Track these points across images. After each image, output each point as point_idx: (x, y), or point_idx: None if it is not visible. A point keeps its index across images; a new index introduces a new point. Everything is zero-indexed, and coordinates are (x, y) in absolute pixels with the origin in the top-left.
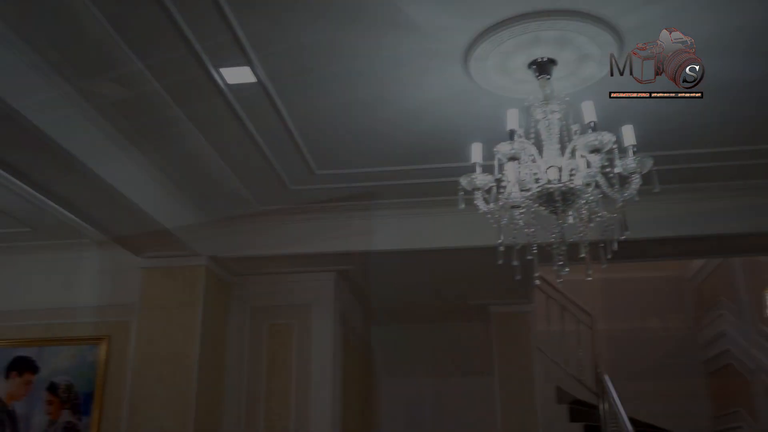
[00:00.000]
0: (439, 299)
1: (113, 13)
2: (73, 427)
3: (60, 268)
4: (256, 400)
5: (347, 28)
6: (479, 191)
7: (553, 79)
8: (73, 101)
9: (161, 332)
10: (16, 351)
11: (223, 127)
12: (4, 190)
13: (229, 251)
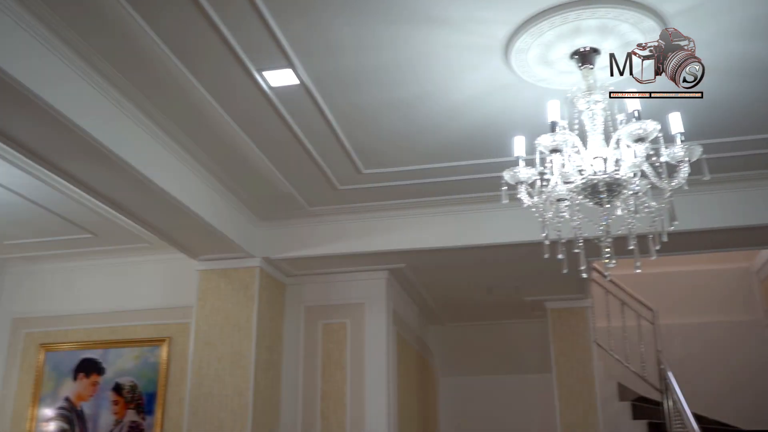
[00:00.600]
0: (493, 296)
1: (162, 25)
2: (138, 426)
3: (122, 272)
4: (313, 399)
5: (386, 27)
6: (523, 185)
7: (596, 69)
8: (129, 112)
9: (218, 333)
10: (83, 353)
11: (270, 130)
12: (68, 199)
13: (282, 252)
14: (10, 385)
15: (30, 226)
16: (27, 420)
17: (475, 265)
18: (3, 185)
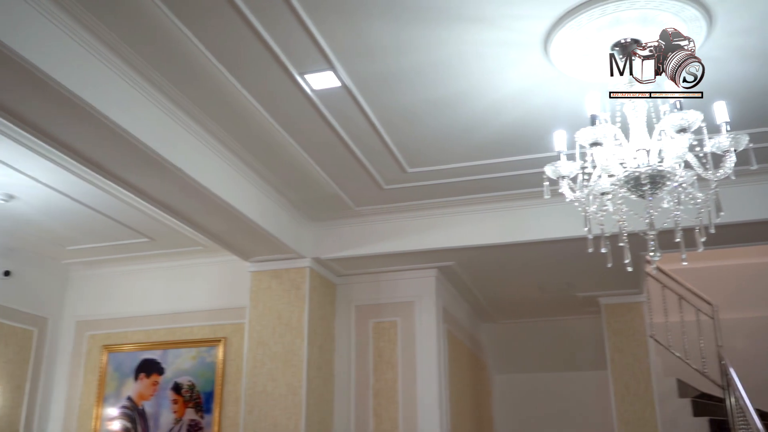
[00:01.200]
0: (545, 293)
1: (208, 36)
2: (197, 424)
3: (178, 274)
4: (365, 397)
5: (423, 28)
6: (565, 180)
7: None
8: (180, 120)
9: (271, 333)
10: (143, 354)
11: (314, 133)
12: (125, 205)
13: (331, 253)
14: (75, 385)
15: (90, 231)
16: (92, 419)
17: (526, 261)
18: (64, 193)
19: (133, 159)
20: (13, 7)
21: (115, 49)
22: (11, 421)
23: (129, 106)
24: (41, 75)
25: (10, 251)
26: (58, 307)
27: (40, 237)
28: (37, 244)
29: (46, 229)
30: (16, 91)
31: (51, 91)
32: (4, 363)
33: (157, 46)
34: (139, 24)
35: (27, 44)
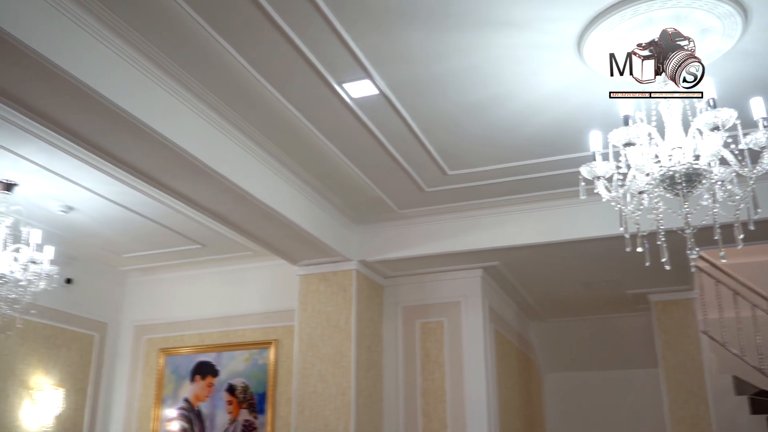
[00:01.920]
0: (591, 291)
1: (249, 50)
2: (251, 424)
3: (229, 279)
4: (413, 396)
5: (456, 33)
6: (600, 179)
7: None
8: (226, 131)
9: (320, 334)
10: (198, 357)
11: (355, 139)
12: (177, 213)
13: (377, 255)
14: (135, 387)
15: (145, 239)
16: (151, 420)
17: (570, 260)
18: (120, 204)
19: (183, 170)
20: (65, 27)
21: (164, 68)
22: (75, 422)
23: (178, 120)
24: (96, 95)
25: (71, 260)
26: (117, 313)
27: (98, 246)
28: (95, 253)
29: (104, 238)
30: (73, 111)
31: (105, 109)
32: (68, 367)
33: (204, 63)
34: (188, 44)
35: (80, 64)
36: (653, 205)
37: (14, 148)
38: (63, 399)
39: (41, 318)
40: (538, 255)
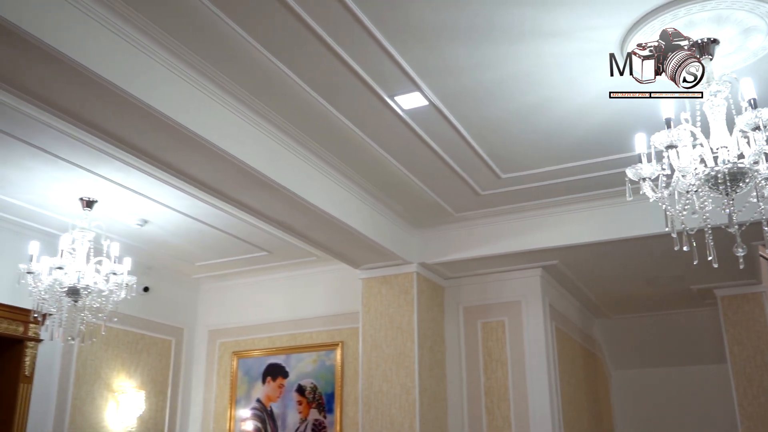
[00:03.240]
0: (654, 287)
1: (305, 71)
2: (321, 423)
3: (295, 283)
4: (477, 395)
5: (501, 45)
6: (646, 181)
7: (720, 57)
8: (287, 145)
9: (383, 336)
10: (269, 359)
11: (409, 148)
12: (244, 223)
13: (436, 257)
14: (210, 389)
15: (215, 248)
16: (227, 420)
17: (630, 257)
18: (191, 216)
19: (248, 183)
20: (140, 60)
21: (233, 93)
22: (156, 422)
23: (243, 138)
24: (169, 120)
25: (148, 269)
26: (192, 318)
27: (172, 255)
28: (170, 262)
29: (177, 248)
30: (147, 133)
31: (176, 132)
32: (148, 370)
33: (267, 86)
34: (254, 71)
35: (154, 94)
36: (701, 203)
37: (93, 168)
38: (144, 401)
39: (122, 325)
40: (598, 253)
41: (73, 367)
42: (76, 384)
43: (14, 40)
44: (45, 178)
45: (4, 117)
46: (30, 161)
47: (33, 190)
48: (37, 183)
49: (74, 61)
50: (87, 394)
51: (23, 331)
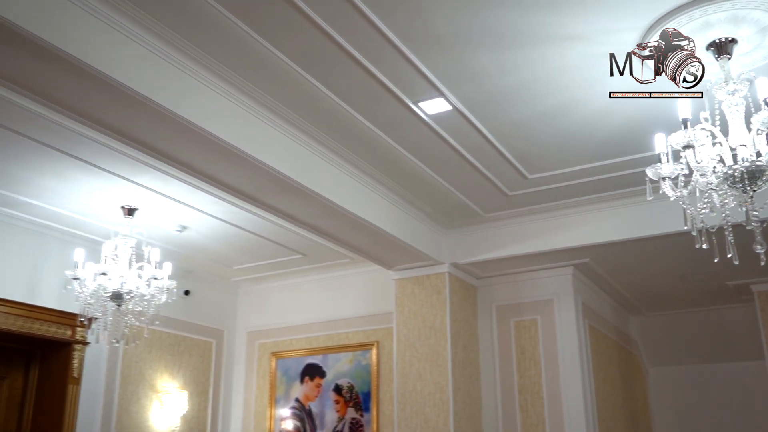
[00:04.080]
0: (692, 283)
1: (332, 82)
2: (358, 422)
3: (330, 285)
4: (510, 393)
5: (521, 50)
6: (666, 180)
7: (738, 56)
8: (317, 151)
9: (417, 335)
10: (307, 359)
11: (436, 152)
12: (279, 227)
13: (468, 257)
14: (250, 389)
15: (252, 252)
16: (267, 419)
17: (662, 254)
18: (227, 221)
19: (279, 189)
20: (172, 74)
21: (263, 103)
22: (199, 422)
23: (272, 145)
24: (202, 132)
25: (188, 273)
26: (231, 320)
27: (210, 260)
28: (208, 266)
29: (215, 252)
30: (182, 145)
31: (210, 143)
32: (191, 371)
33: (295, 95)
34: (280, 80)
35: (184, 104)
36: (721, 201)
37: (134, 177)
38: (187, 400)
39: (164, 327)
40: (629, 250)
41: (118, 369)
42: (121, 385)
43: (64, 65)
44: (88, 188)
45: (50, 132)
46: (74, 172)
47: (77, 200)
48: (81, 193)
49: (116, 81)
50: (132, 395)
51: (71, 334)
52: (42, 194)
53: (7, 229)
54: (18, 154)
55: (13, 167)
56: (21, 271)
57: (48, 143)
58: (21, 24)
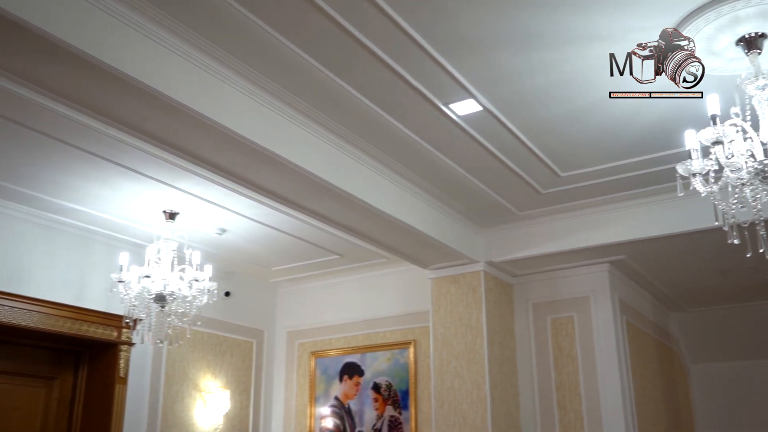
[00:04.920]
0: (732, 278)
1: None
2: (397, 420)
3: (367, 285)
4: (548, 390)
5: (550, 51)
6: (697, 176)
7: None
8: (352, 154)
9: (453, 334)
10: (345, 358)
11: (468, 152)
12: (315, 229)
13: (503, 256)
14: (291, 388)
15: (290, 253)
16: (307, 417)
17: (701, 249)
18: (265, 224)
19: (315, 191)
20: (209, 82)
21: (295, 106)
22: (242, 420)
23: (306, 149)
24: (239, 137)
25: (228, 275)
26: (271, 320)
27: (250, 261)
28: (248, 268)
29: (254, 254)
30: (220, 150)
31: (248, 149)
32: (233, 371)
33: (329, 100)
34: (313, 85)
35: (224, 112)
36: (753, 196)
37: (174, 183)
38: (230, 399)
39: (206, 328)
40: (665, 246)
41: (163, 369)
42: (166, 384)
43: (106, 76)
44: (131, 193)
45: (94, 140)
46: (118, 179)
47: (121, 205)
48: (124, 198)
49: (158, 91)
50: (177, 394)
51: (117, 335)
52: (88, 200)
53: (55, 234)
54: (64, 163)
55: (61, 175)
56: (69, 275)
57: (93, 151)
58: (66, 39)
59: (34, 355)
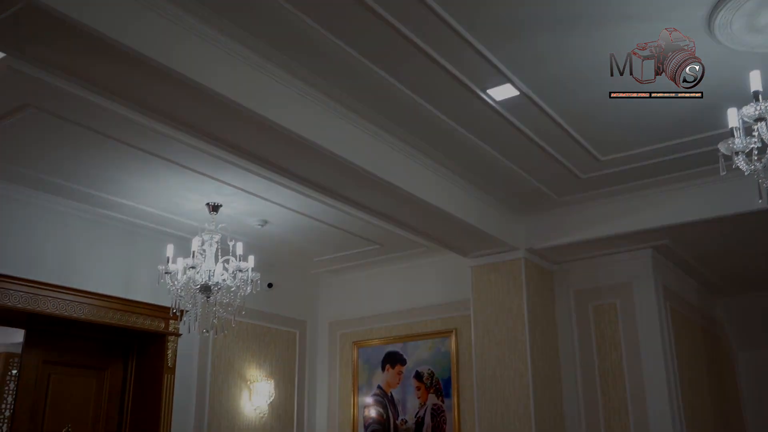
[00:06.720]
0: None
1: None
2: (439, 408)
3: (407, 274)
4: (591, 376)
5: (587, 32)
6: (740, 155)
7: None
8: (390, 143)
9: (494, 321)
10: (387, 348)
11: (506, 137)
12: (355, 219)
13: (543, 242)
14: (334, 378)
15: (331, 244)
16: (351, 406)
17: (747, 232)
18: (306, 215)
19: (355, 180)
20: (263, 81)
21: (336, 98)
22: (286, 409)
23: (346, 139)
24: (281, 129)
25: (271, 266)
26: (313, 311)
27: (292, 252)
28: (290, 259)
29: (296, 245)
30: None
31: (291, 140)
32: (277, 361)
33: (367, 89)
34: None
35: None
36: None
37: (217, 175)
38: (274, 388)
39: (251, 319)
40: (710, 230)
41: (209, 359)
42: (212, 374)
43: (165, 77)
44: (176, 187)
45: (139, 135)
46: (163, 173)
47: (166, 199)
48: (169, 192)
49: (205, 87)
50: (223, 383)
51: (164, 326)
52: (134, 194)
53: (103, 228)
54: (111, 157)
55: (108, 170)
56: (117, 268)
57: (138, 146)
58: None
59: (86, 346)
